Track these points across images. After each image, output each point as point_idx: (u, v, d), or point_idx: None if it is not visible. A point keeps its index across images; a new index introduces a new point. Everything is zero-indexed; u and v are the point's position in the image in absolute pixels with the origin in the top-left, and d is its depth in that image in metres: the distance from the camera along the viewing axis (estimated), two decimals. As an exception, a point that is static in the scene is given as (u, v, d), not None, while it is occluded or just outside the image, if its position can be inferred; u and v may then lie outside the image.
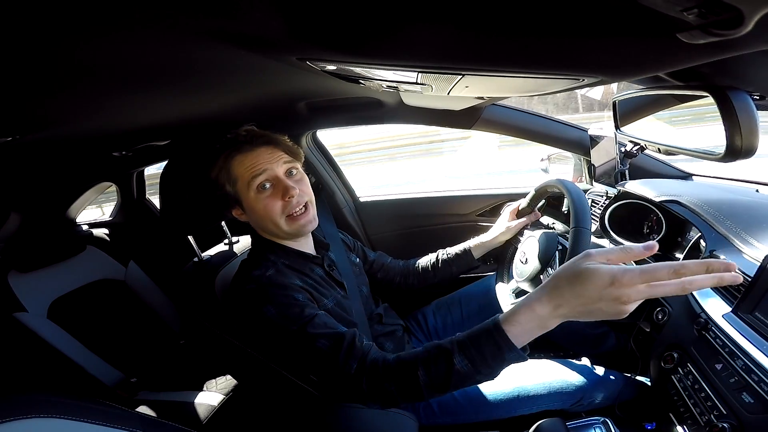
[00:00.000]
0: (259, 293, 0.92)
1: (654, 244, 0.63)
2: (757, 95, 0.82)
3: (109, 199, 2.23)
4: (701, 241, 0.97)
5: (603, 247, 1.14)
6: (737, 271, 0.54)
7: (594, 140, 1.45)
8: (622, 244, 1.21)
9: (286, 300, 0.90)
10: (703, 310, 0.86)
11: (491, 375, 0.74)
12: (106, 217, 2.28)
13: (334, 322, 0.90)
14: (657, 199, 1.13)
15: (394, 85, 0.89)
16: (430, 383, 0.75)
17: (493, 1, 0.40)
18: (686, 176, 1.45)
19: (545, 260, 1.07)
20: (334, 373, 0.82)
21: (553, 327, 0.69)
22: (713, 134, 0.83)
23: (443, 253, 1.38)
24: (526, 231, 1.26)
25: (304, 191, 1.02)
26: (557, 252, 1.07)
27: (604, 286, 0.62)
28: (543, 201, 1.34)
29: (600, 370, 1.15)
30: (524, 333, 0.70)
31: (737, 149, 0.78)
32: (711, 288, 0.90)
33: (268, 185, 0.99)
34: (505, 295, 1.24)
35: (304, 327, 0.86)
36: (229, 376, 1.63)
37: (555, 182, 1.14)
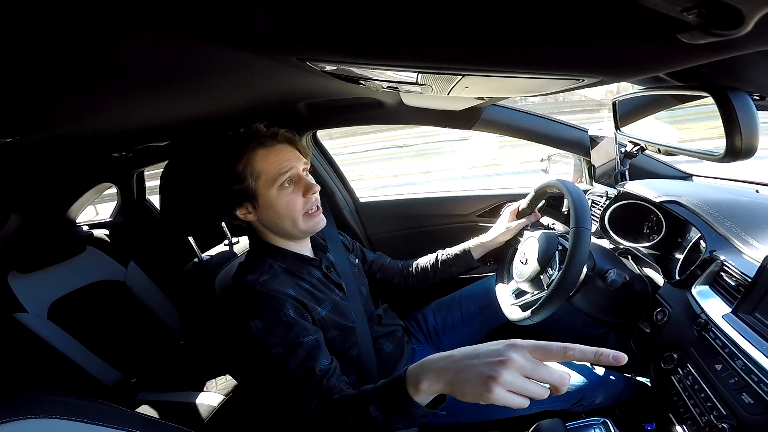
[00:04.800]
0: (249, 304, 0.92)
1: (621, 357, 0.55)
2: (757, 95, 0.82)
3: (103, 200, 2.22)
4: (701, 241, 0.97)
5: (603, 247, 1.14)
6: None
7: (594, 141, 1.45)
8: (622, 244, 1.21)
9: (274, 316, 0.90)
10: (703, 311, 0.86)
11: (409, 424, 0.73)
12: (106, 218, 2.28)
13: (316, 352, 0.90)
14: (657, 200, 1.13)
15: (394, 85, 0.89)
16: (358, 426, 0.77)
17: (493, 2, 0.40)
18: (686, 177, 1.45)
19: (545, 261, 1.07)
20: (296, 404, 0.86)
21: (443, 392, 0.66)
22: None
23: (443, 254, 1.38)
24: (526, 231, 1.26)
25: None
26: (557, 252, 1.07)
27: (490, 352, 0.58)
28: (543, 201, 1.34)
29: (600, 371, 1.15)
30: (425, 395, 0.67)
31: (737, 150, 0.78)
32: (710, 288, 0.90)
33: (289, 182, 0.99)
34: (505, 295, 1.24)
35: (286, 355, 0.88)
36: (229, 377, 1.63)
37: (555, 183, 1.14)
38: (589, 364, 1.19)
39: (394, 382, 0.71)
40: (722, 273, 0.89)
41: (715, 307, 0.85)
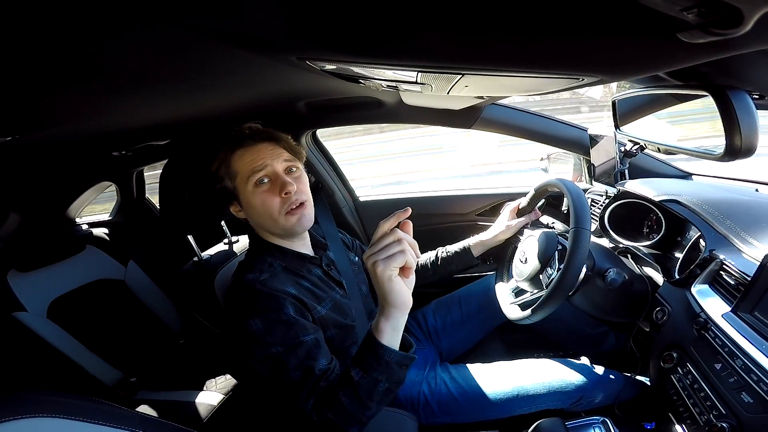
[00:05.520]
0: (249, 303, 0.92)
1: (405, 210, 0.76)
2: (757, 94, 0.82)
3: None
4: (701, 240, 0.97)
5: (602, 246, 1.14)
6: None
7: (593, 140, 1.45)
8: (621, 243, 1.21)
9: (274, 315, 0.90)
10: (703, 310, 0.86)
11: (391, 378, 0.80)
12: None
13: (315, 352, 0.90)
14: (657, 199, 1.13)
15: (394, 84, 0.89)
16: (350, 402, 0.80)
17: (492, 2, 0.40)
18: (686, 175, 1.45)
19: (545, 260, 1.07)
20: (293, 404, 0.86)
21: (402, 322, 0.79)
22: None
23: (442, 251, 1.38)
24: (525, 230, 1.26)
25: (302, 190, 1.02)
26: (556, 252, 1.07)
27: (368, 271, 0.75)
28: (543, 200, 1.34)
29: (599, 370, 1.15)
30: (388, 332, 0.78)
31: (737, 149, 0.78)
32: (710, 288, 0.90)
33: (266, 180, 0.99)
34: (504, 294, 1.24)
35: (286, 354, 0.88)
36: (228, 376, 1.63)
37: (555, 182, 1.13)
38: (588, 363, 1.19)
39: (365, 338, 0.81)
40: (722, 272, 0.89)
41: (714, 306, 0.85)
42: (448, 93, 0.87)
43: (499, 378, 1.14)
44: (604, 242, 1.26)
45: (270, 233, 1.05)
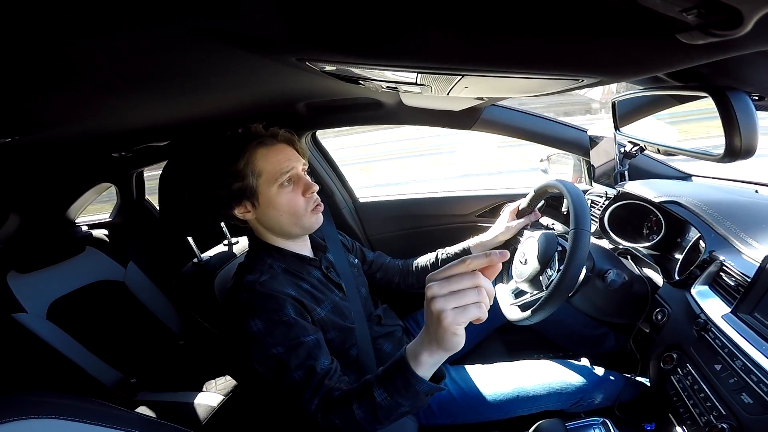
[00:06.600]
0: (249, 304, 0.92)
1: (503, 253, 0.60)
2: (756, 96, 0.82)
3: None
4: (701, 241, 0.97)
5: (602, 247, 1.14)
6: None
7: (593, 141, 1.45)
8: (621, 244, 1.21)
9: (275, 316, 0.91)
10: (703, 311, 0.86)
11: (414, 405, 0.76)
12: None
13: (317, 352, 0.90)
14: (656, 200, 1.13)
15: (394, 85, 0.89)
16: (364, 417, 0.78)
17: (492, 2, 0.40)
18: (685, 177, 1.45)
19: (544, 261, 1.07)
20: (297, 404, 0.86)
21: (444, 358, 0.70)
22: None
23: (442, 253, 1.38)
24: (525, 231, 1.26)
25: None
26: (556, 253, 1.07)
27: (427, 307, 0.63)
28: (542, 201, 1.34)
29: (599, 371, 1.15)
30: (426, 367, 0.71)
31: (736, 150, 0.78)
32: (710, 288, 0.90)
33: (289, 182, 1.00)
34: (504, 295, 1.24)
35: (287, 354, 0.88)
36: (228, 377, 1.62)
37: (554, 183, 1.13)
38: (588, 364, 1.19)
39: (397, 362, 0.73)
40: (722, 273, 0.89)
41: (714, 307, 0.85)
42: (448, 94, 0.87)
43: (499, 379, 1.14)
44: (604, 243, 1.26)
45: (276, 234, 1.05)
